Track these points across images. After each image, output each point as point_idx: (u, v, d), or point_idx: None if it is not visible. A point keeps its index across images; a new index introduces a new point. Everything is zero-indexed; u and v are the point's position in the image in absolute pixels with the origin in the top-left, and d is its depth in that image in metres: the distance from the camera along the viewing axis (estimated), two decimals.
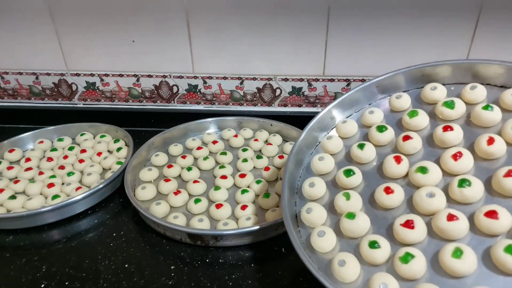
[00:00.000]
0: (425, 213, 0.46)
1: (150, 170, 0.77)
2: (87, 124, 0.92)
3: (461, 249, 0.41)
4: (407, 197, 0.49)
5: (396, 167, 0.51)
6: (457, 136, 0.50)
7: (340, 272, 0.45)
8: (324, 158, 0.57)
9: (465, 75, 0.56)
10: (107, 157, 0.81)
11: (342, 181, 0.54)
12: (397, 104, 0.59)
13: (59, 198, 0.70)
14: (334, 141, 0.59)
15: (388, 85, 0.61)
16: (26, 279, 0.58)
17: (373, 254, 0.45)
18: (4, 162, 0.83)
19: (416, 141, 0.52)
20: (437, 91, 0.56)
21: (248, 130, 0.90)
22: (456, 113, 0.53)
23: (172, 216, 0.66)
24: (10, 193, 0.73)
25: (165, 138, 0.86)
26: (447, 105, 0.53)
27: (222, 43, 0.87)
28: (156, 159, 0.81)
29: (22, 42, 0.91)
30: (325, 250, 0.49)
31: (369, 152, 0.55)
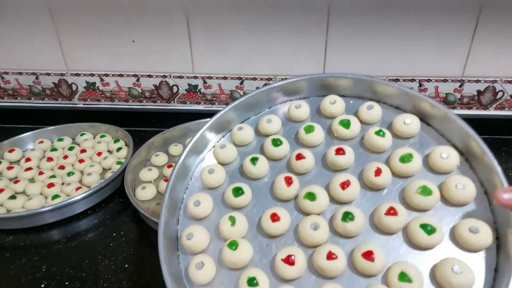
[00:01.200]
0: (309, 245, 0.46)
1: (150, 170, 0.77)
2: (87, 124, 0.92)
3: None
4: (294, 224, 0.48)
5: (285, 190, 0.49)
6: (349, 161, 0.50)
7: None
8: (214, 171, 0.52)
9: (365, 90, 0.55)
10: (107, 157, 0.81)
11: (230, 200, 0.50)
12: (296, 114, 0.56)
13: (59, 198, 0.70)
14: (228, 150, 0.54)
15: (290, 90, 0.58)
16: (26, 279, 0.58)
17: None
18: (4, 162, 0.83)
19: (309, 161, 0.51)
20: (335, 105, 0.55)
21: None
22: (351, 133, 0.53)
23: None
24: (10, 193, 0.73)
25: (165, 138, 0.85)
26: (343, 125, 0.53)
27: (222, 43, 0.87)
28: (156, 159, 0.81)
29: (22, 42, 0.91)
30: (203, 283, 0.46)
31: (262, 167, 0.52)
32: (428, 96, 0.51)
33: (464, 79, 0.89)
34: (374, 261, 0.42)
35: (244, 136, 0.55)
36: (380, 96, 0.55)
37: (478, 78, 0.88)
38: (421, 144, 0.51)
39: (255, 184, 0.52)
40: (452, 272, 0.40)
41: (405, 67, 0.88)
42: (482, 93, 0.90)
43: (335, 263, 0.43)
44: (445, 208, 0.46)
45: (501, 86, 0.89)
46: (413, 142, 0.52)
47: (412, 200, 0.46)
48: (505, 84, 0.89)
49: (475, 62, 0.86)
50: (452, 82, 0.89)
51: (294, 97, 0.58)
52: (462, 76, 0.88)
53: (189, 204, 0.50)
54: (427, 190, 0.45)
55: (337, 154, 0.50)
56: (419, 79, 0.89)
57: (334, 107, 0.55)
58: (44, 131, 0.90)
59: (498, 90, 0.90)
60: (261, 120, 0.56)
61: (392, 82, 0.56)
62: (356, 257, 0.43)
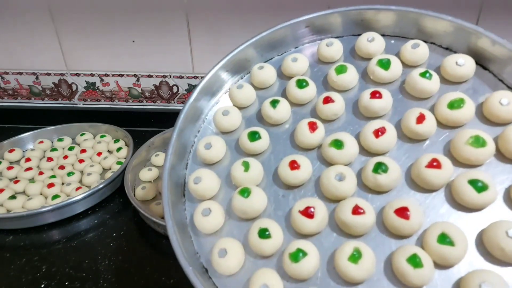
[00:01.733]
0: (331, 198, 0.40)
1: (150, 170, 0.77)
2: (87, 124, 0.92)
3: (360, 251, 0.35)
4: (316, 175, 0.42)
5: (308, 136, 0.42)
6: (385, 106, 0.43)
7: (219, 264, 0.38)
8: (229, 113, 0.46)
9: (410, 27, 0.48)
10: (107, 157, 0.81)
11: (245, 145, 0.44)
12: (327, 52, 0.49)
13: (59, 198, 0.70)
14: (245, 91, 0.48)
15: (321, 27, 0.50)
16: (26, 279, 0.58)
17: (262, 244, 0.38)
18: (4, 162, 0.83)
19: (338, 105, 0.44)
20: (374, 43, 0.47)
21: None
22: (390, 75, 0.45)
23: None
24: (10, 193, 0.73)
25: (165, 138, 0.85)
26: (381, 65, 0.45)
27: (222, 43, 0.87)
28: (156, 159, 0.81)
29: (22, 42, 0.91)
30: (209, 232, 0.41)
31: (283, 111, 0.46)
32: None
33: None
34: (409, 219, 0.35)
35: (264, 76, 0.49)
36: (429, 35, 0.47)
37: None
38: (475, 90, 0.43)
39: (274, 131, 0.46)
40: (506, 237, 0.33)
41: None
42: None
43: (362, 218, 0.36)
44: (499, 164, 0.38)
45: None
46: (466, 88, 0.43)
47: (460, 153, 0.38)
48: None
49: None
50: None
51: (325, 36, 0.51)
52: None
53: (200, 146, 0.45)
54: (480, 141, 0.37)
55: (372, 97, 0.42)
56: None
57: (372, 45, 0.47)
58: (44, 131, 0.90)
59: None
60: (286, 59, 0.49)
61: (444, 15, 0.47)
62: (388, 213, 0.37)
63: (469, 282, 0.32)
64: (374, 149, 0.41)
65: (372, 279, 0.35)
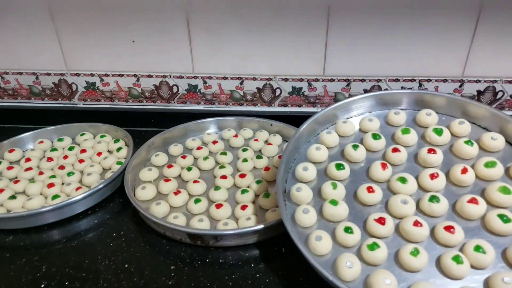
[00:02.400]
0: (396, 215, 0.55)
1: (150, 170, 0.77)
2: (87, 124, 0.92)
3: (419, 249, 0.50)
4: (385, 199, 0.58)
5: (381, 172, 0.60)
6: (438, 160, 0.60)
7: (316, 246, 0.52)
8: (320, 149, 0.65)
9: (457, 109, 0.67)
10: (107, 157, 0.81)
11: (332, 173, 0.62)
12: (394, 119, 0.68)
13: (59, 198, 0.70)
14: (332, 136, 0.67)
15: (390, 100, 0.70)
16: (26, 279, 0.58)
17: (346, 237, 0.53)
18: (4, 162, 0.83)
19: (403, 154, 0.62)
20: (431, 117, 0.66)
21: (248, 130, 0.90)
22: (442, 140, 0.63)
23: (172, 216, 0.66)
24: (10, 193, 0.73)
25: (165, 138, 0.86)
26: (436, 132, 0.63)
27: (222, 43, 0.87)
28: (156, 159, 0.81)
29: (22, 42, 0.91)
30: (306, 225, 0.56)
31: (361, 153, 0.63)
32: None
33: (464, 79, 0.89)
34: (454, 234, 0.51)
35: (347, 128, 0.68)
36: (471, 117, 0.66)
37: (478, 78, 0.88)
38: (504, 159, 0.59)
39: (352, 167, 0.63)
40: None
41: (405, 67, 0.88)
42: (482, 93, 0.90)
43: (420, 229, 0.52)
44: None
45: (501, 86, 0.89)
46: (497, 156, 0.60)
47: (492, 197, 0.54)
48: (505, 84, 0.89)
49: (475, 62, 0.86)
50: (452, 82, 0.89)
51: (393, 107, 0.70)
52: (462, 76, 0.88)
53: (298, 168, 0.62)
54: (507, 190, 0.54)
55: (429, 152, 0.60)
56: (419, 79, 0.89)
57: (429, 118, 0.66)
58: (44, 131, 0.90)
59: (498, 90, 0.90)
60: (363, 119, 0.68)
61: (483, 104, 0.67)
62: (438, 229, 0.52)
63: (494, 279, 0.47)
64: (429, 188, 0.57)
65: (424, 270, 0.50)
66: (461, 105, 0.66)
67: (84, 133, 0.91)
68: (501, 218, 0.51)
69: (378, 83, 0.90)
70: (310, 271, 0.58)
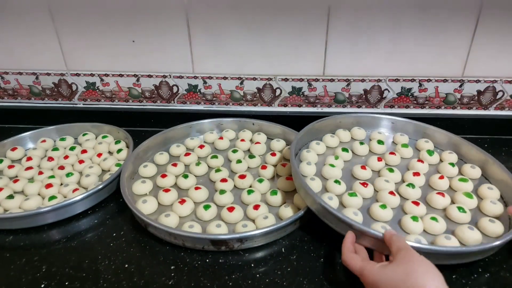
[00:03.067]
0: (377, 188, 0.71)
1: (144, 183, 0.74)
2: (89, 124, 0.92)
3: (386, 206, 0.65)
4: (373, 178, 0.74)
5: (376, 163, 0.78)
6: (424, 168, 0.77)
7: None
8: (310, 151, 0.79)
9: (452, 148, 0.83)
10: (107, 159, 0.81)
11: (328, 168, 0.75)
12: (400, 138, 0.86)
13: (55, 199, 0.70)
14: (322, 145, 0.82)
15: (398, 127, 0.88)
16: (26, 279, 0.58)
17: (334, 187, 0.70)
18: (6, 161, 0.83)
19: (398, 158, 0.80)
20: (428, 144, 0.84)
21: (230, 131, 0.90)
22: (431, 160, 0.79)
23: (187, 226, 0.63)
24: (9, 192, 0.73)
25: (148, 147, 0.83)
26: (428, 152, 0.80)
27: (222, 43, 0.87)
28: (145, 170, 0.78)
29: (22, 42, 0.91)
30: (308, 175, 0.72)
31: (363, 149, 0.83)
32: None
33: (464, 79, 0.89)
34: (419, 206, 0.65)
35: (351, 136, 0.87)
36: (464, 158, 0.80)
37: (478, 78, 0.88)
38: None
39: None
40: None
41: (405, 67, 0.88)
42: (482, 93, 0.90)
43: (394, 198, 0.67)
44: None
45: (501, 86, 0.89)
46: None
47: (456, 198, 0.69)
48: (505, 84, 0.89)
49: (475, 62, 0.86)
50: (452, 82, 0.89)
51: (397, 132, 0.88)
52: (462, 76, 0.88)
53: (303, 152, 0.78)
54: (469, 195, 0.68)
55: (418, 161, 0.77)
56: (419, 79, 0.89)
57: (427, 144, 0.83)
58: (45, 131, 0.90)
59: (498, 90, 0.90)
60: (373, 133, 0.87)
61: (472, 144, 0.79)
62: (407, 203, 0.66)
63: (438, 239, 0.60)
64: (411, 181, 0.72)
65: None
66: (456, 145, 0.81)
67: (86, 133, 0.91)
68: (459, 209, 0.64)
69: (378, 83, 0.90)
70: (310, 271, 0.58)
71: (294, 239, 0.64)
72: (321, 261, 0.60)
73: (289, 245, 0.63)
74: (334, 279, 0.57)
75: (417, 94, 0.92)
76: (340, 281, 0.57)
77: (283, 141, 0.87)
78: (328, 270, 0.59)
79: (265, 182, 0.73)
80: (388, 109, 0.94)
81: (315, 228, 0.65)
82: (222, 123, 0.92)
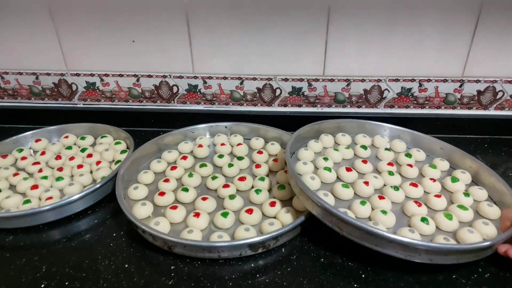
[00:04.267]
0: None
1: (144, 205, 0.68)
2: (111, 127, 0.90)
3: (366, 201, 0.66)
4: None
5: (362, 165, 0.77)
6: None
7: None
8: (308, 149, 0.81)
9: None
10: (100, 169, 0.78)
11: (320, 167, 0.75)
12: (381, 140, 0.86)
13: (28, 204, 0.69)
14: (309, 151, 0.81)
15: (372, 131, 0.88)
16: (26, 279, 0.58)
17: (325, 174, 0.72)
18: (25, 151, 0.85)
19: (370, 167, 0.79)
20: (420, 154, 0.83)
21: (206, 138, 0.89)
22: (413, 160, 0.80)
23: (216, 236, 0.61)
24: (3, 186, 0.74)
25: (134, 160, 0.78)
26: (407, 155, 0.80)
27: (222, 43, 0.87)
28: (134, 192, 0.72)
29: (22, 42, 0.91)
30: (302, 172, 0.73)
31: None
32: None
33: (464, 79, 0.89)
34: (385, 198, 0.67)
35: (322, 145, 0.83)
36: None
37: (478, 78, 0.88)
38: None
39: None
40: None
41: (405, 67, 0.88)
42: (482, 93, 0.90)
43: (367, 188, 0.69)
44: None
45: (501, 86, 0.89)
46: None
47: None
48: (505, 84, 0.89)
49: (475, 62, 0.86)
50: (452, 82, 0.89)
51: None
52: (462, 76, 0.88)
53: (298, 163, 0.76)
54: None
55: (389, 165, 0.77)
56: (419, 79, 0.89)
57: (419, 154, 0.82)
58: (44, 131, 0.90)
59: (498, 90, 0.90)
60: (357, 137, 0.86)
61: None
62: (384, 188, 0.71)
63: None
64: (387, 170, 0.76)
65: None
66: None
67: (105, 135, 0.90)
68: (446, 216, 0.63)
69: (378, 83, 0.90)
70: (310, 272, 0.58)
71: (294, 239, 0.64)
72: (321, 261, 0.60)
73: (289, 245, 0.63)
74: (334, 280, 0.57)
75: (417, 94, 0.92)
76: (340, 281, 0.57)
77: (261, 139, 0.88)
78: (328, 270, 0.59)
79: (267, 179, 0.75)
80: (388, 109, 0.94)
81: (315, 228, 0.65)
82: (193, 131, 0.89)
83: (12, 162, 0.83)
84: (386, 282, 0.56)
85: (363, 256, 0.59)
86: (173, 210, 0.66)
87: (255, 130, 0.90)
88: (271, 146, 0.85)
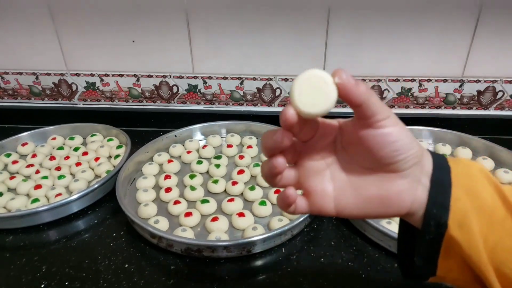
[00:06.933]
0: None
1: (146, 206, 0.69)
2: (100, 125, 0.91)
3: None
4: None
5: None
6: None
7: None
8: None
9: None
10: (101, 164, 0.79)
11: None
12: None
13: (38, 202, 0.69)
14: None
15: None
16: (26, 279, 0.58)
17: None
18: (13, 155, 0.84)
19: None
20: None
21: (195, 141, 0.88)
22: None
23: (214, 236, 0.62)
24: (2, 189, 0.73)
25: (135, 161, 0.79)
26: None
27: (222, 43, 0.87)
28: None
29: (22, 42, 0.91)
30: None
31: None
32: None
33: (464, 79, 0.89)
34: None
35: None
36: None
37: (478, 78, 0.88)
38: None
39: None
40: None
41: (405, 67, 0.88)
42: (482, 93, 0.90)
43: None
44: None
45: (501, 86, 0.89)
46: None
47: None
48: (505, 84, 0.89)
49: (475, 62, 0.86)
50: (452, 82, 0.89)
51: None
52: (462, 76, 0.88)
53: None
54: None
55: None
56: (419, 79, 0.90)
57: None
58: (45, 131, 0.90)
59: (498, 90, 0.90)
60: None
61: None
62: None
63: None
64: None
65: None
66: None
67: (95, 134, 0.90)
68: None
69: (378, 83, 0.90)
70: (310, 272, 0.58)
71: (294, 238, 0.64)
72: (321, 261, 0.60)
73: (289, 245, 0.63)
74: (334, 279, 0.57)
75: (417, 94, 0.92)
76: (340, 281, 0.57)
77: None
78: (328, 270, 0.59)
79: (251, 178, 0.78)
80: None
81: (315, 228, 0.65)
82: (177, 135, 0.88)
83: (1, 167, 0.82)
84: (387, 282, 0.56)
85: (363, 256, 0.59)
86: (187, 217, 0.66)
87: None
88: None
